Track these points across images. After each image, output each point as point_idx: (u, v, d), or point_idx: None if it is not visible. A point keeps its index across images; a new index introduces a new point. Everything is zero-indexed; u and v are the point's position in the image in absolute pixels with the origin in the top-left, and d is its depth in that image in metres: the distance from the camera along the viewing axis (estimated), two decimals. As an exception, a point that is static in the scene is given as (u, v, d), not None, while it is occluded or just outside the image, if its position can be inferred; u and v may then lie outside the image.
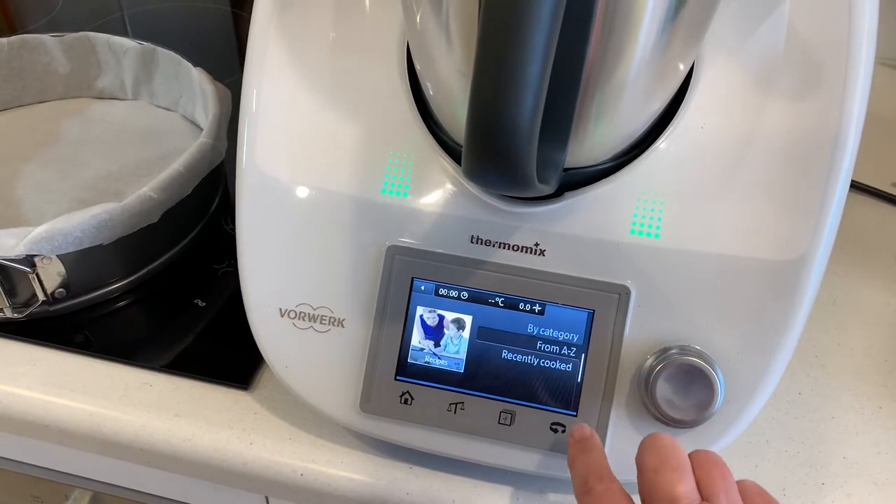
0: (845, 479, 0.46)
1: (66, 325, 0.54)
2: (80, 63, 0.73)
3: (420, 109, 0.42)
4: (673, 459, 0.33)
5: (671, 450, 0.33)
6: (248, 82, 0.43)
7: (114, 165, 0.66)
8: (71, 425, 0.49)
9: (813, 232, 0.39)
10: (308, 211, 0.43)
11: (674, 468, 0.32)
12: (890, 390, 0.51)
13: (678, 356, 0.39)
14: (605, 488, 0.34)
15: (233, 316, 0.54)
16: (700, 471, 0.33)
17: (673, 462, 0.33)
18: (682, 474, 0.32)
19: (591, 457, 0.36)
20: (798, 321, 0.40)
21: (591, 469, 0.35)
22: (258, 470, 0.46)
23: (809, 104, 0.40)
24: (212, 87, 0.64)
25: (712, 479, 0.33)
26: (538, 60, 0.27)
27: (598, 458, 0.36)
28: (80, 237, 0.51)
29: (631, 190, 0.40)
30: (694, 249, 0.40)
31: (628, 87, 0.36)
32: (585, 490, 0.34)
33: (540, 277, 0.41)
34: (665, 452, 0.33)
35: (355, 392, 0.43)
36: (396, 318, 0.42)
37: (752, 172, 0.40)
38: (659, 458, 0.33)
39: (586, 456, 0.36)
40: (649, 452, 0.34)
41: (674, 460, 0.33)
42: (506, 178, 0.31)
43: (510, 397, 0.41)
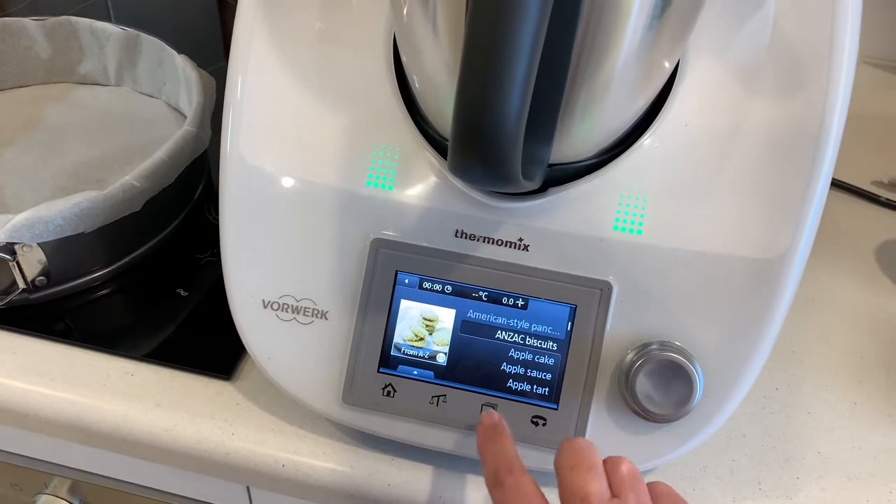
0: (820, 473, 0.46)
1: (47, 313, 0.54)
2: (62, 48, 0.72)
3: (406, 102, 0.42)
4: (588, 460, 0.34)
5: (586, 451, 0.35)
6: (233, 71, 0.43)
7: (96, 152, 0.66)
8: (51, 414, 0.48)
9: (794, 230, 0.40)
10: (292, 202, 0.43)
11: (588, 468, 0.34)
12: (865, 387, 0.52)
13: (658, 352, 0.40)
14: (515, 481, 0.34)
15: (215, 306, 0.54)
16: (612, 473, 0.34)
17: (587, 462, 0.34)
18: (596, 474, 0.34)
19: (501, 447, 0.36)
20: (777, 318, 0.40)
21: (500, 460, 0.36)
22: (240, 460, 0.46)
23: (792, 102, 0.40)
24: (196, 75, 0.63)
25: (622, 479, 0.34)
26: (525, 58, 0.27)
27: (508, 448, 0.36)
28: (61, 225, 0.51)
29: (614, 186, 0.41)
30: (676, 246, 0.40)
31: (614, 84, 0.36)
32: (496, 482, 0.35)
33: (523, 272, 0.41)
34: (581, 454, 0.34)
35: (338, 384, 0.43)
36: (380, 311, 0.42)
37: (735, 170, 0.40)
38: (575, 458, 0.34)
39: (495, 445, 0.37)
40: (566, 453, 0.35)
41: (588, 461, 0.34)
42: (491, 174, 0.31)
43: (492, 390, 0.42)
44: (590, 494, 0.33)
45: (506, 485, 0.34)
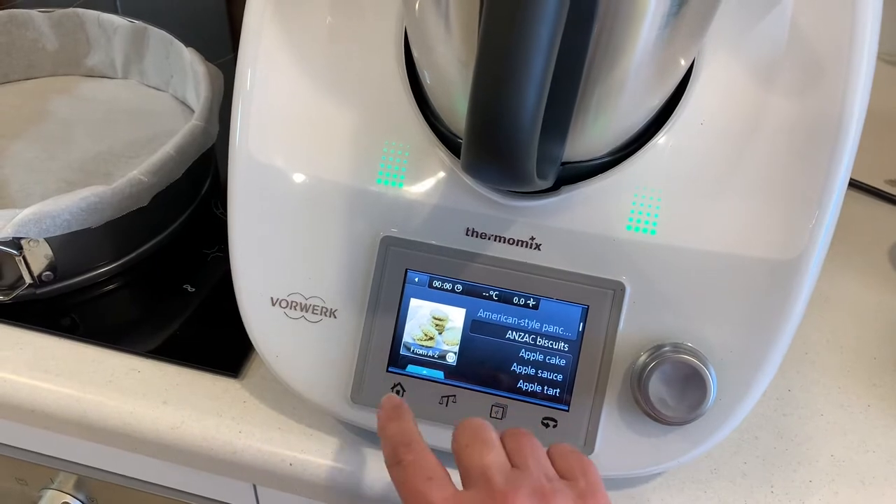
0: (832, 477, 0.46)
1: (53, 308, 0.53)
2: (68, 40, 0.72)
3: (417, 98, 0.42)
4: (482, 434, 0.35)
5: (480, 427, 0.35)
6: (243, 65, 0.43)
7: (103, 146, 0.65)
8: (57, 410, 0.48)
9: (811, 231, 0.39)
10: (301, 198, 0.42)
11: (483, 442, 0.34)
12: (879, 389, 0.51)
13: (671, 354, 0.39)
14: (415, 458, 0.34)
15: (222, 302, 0.53)
16: (510, 443, 0.35)
17: (482, 437, 0.34)
18: (492, 447, 0.34)
19: (401, 425, 0.36)
20: (792, 321, 0.40)
21: (400, 438, 0.35)
22: (247, 459, 0.46)
23: (810, 101, 0.39)
24: (203, 69, 0.63)
25: (520, 447, 0.34)
26: (542, 56, 0.26)
27: (407, 426, 0.36)
28: (68, 220, 0.50)
29: (628, 185, 0.40)
30: (690, 247, 0.40)
31: (629, 82, 0.35)
32: (395, 461, 0.35)
33: (535, 272, 0.41)
34: (474, 430, 0.35)
35: (346, 383, 0.42)
36: (389, 310, 0.42)
37: (751, 169, 0.40)
38: (469, 436, 0.35)
39: (394, 424, 0.36)
40: (460, 432, 0.35)
41: (483, 435, 0.35)
42: (506, 173, 0.30)
43: (502, 391, 0.41)
44: (488, 466, 0.33)
45: (405, 462, 0.34)
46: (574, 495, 0.33)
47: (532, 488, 0.32)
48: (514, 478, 0.33)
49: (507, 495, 0.32)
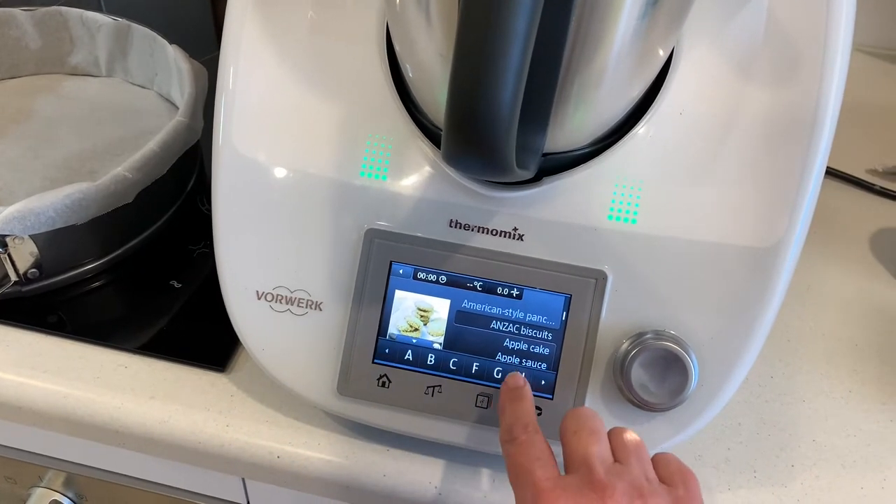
0: (814, 461, 0.47)
1: (40, 305, 0.53)
2: (52, 38, 0.72)
3: (399, 92, 0.42)
4: (591, 424, 0.35)
5: (590, 417, 0.36)
6: (225, 61, 0.43)
7: (87, 144, 0.65)
8: (45, 407, 0.48)
9: (789, 218, 0.40)
10: (286, 193, 0.42)
11: (591, 431, 0.35)
12: (860, 375, 0.52)
13: (653, 341, 0.39)
14: (528, 438, 0.36)
15: (209, 298, 0.54)
16: (616, 439, 0.36)
17: (590, 426, 0.35)
18: (599, 438, 0.35)
19: (520, 406, 0.37)
20: (772, 307, 0.40)
21: (517, 418, 0.37)
22: (235, 452, 0.46)
23: (787, 91, 0.40)
24: (188, 66, 0.63)
25: (625, 444, 0.35)
26: (519, 45, 0.27)
27: (527, 408, 0.37)
28: (53, 217, 0.50)
29: (609, 175, 0.41)
30: (670, 235, 0.40)
31: (608, 72, 0.36)
32: (510, 438, 0.36)
33: (518, 262, 0.41)
34: (584, 419, 0.36)
35: (333, 375, 0.43)
36: (374, 302, 0.42)
37: (730, 159, 0.40)
38: (577, 423, 0.35)
39: (515, 405, 0.38)
40: (569, 419, 0.36)
41: (591, 425, 0.35)
42: (485, 162, 0.31)
43: (487, 381, 0.42)
44: (592, 455, 0.34)
45: (519, 440, 0.36)
46: (671, 500, 0.33)
47: (631, 485, 0.33)
48: (615, 471, 0.33)
49: (606, 487, 0.32)
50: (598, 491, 0.32)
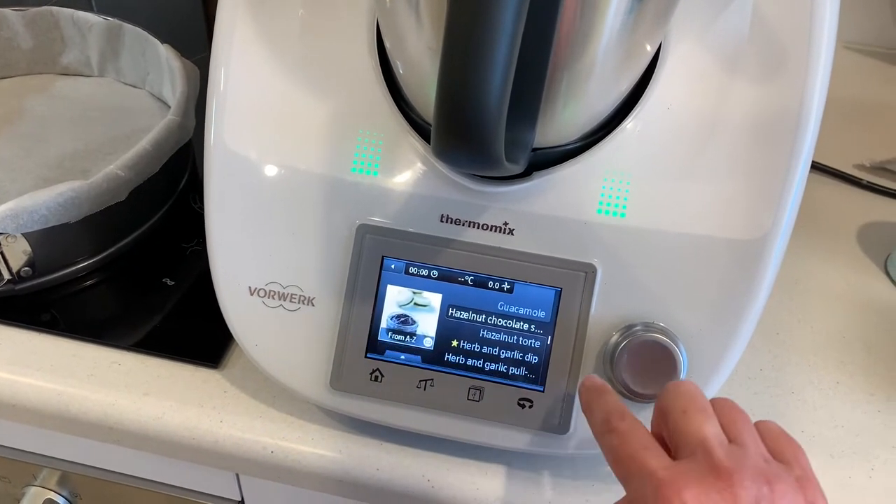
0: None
1: (33, 304, 0.54)
2: (43, 38, 0.72)
3: (390, 88, 0.42)
4: (699, 402, 0.34)
5: (696, 394, 0.34)
6: (216, 59, 0.43)
7: (80, 143, 0.66)
8: (38, 405, 0.48)
9: (775, 212, 0.40)
10: (277, 189, 0.43)
11: (701, 410, 0.33)
12: (847, 366, 0.53)
13: (642, 332, 0.40)
14: (629, 426, 0.34)
15: (202, 295, 0.54)
16: (723, 415, 0.34)
17: (699, 404, 0.34)
18: (709, 416, 0.33)
19: (609, 398, 0.36)
20: (760, 299, 0.41)
21: (611, 409, 0.35)
22: (229, 447, 0.46)
23: (773, 86, 0.40)
24: (179, 65, 0.63)
25: (735, 420, 0.34)
26: (506, 39, 0.27)
27: (615, 399, 0.36)
28: (45, 215, 0.50)
29: (598, 170, 0.41)
30: (659, 228, 0.41)
31: (596, 67, 0.36)
32: (608, 429, 0.34)
33: (509, 256, 0.42)
34: (691, 396, 0.34)
35: (326, 370, 0.43)
36: (367, 297, 0.42)
37: (716, 153, 0.41)
38: (686, 401, 0.34)
39: (603, 398, 0.36)
40: (675, 396, 0.34)
41: (700, 403, 0.34)
42: (474, 157, 0.31)
43: (479, 374, 0.42)
44: (708, 438, 0.32)
45: (620, 429, 0.34)
46: (793, 482, 0.32)
47: (755, 470, 0.31)
48: (736, 455, 0.32)
49: (733, 473, 0.30)
50: (723, 478, 0.30)
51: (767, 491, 0.31)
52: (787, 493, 0.31)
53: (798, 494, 0.31)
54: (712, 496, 0.30)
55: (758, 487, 0.30)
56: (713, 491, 0.30)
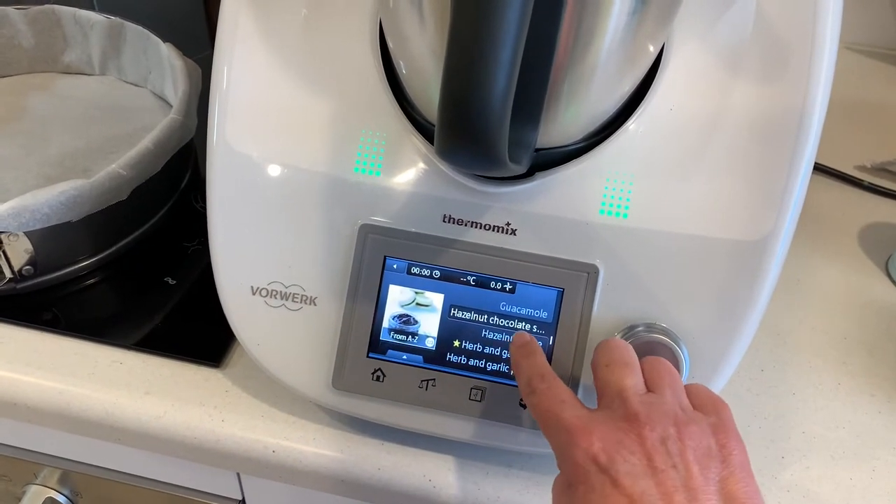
0: (804, 452, 0.47)
1: (34, 302, 0.54)
2: (45, 37, 0.72)
3: (393, 88, 0.42)
4: (624, 356, 0.36)
5: (622, 349, 0.36)
6: (219, 58, 0.43)
7: (81, 142, 0.65)
8: (40, 403, 0.48)
9: (777, 213, 0.40)
10: (280, 189, 0.43)
11: (624, 363, 0.35)
12: (849, 367, 0.53)
13: (644, 333, 0.40)
14: (548, 386, 0.36)
15: (204, 294, 0.54)
16: (649, 370, 0.36)
17: (624, 358, 0.35)
18: (632, 370, 0.35)
19: (533, 360, 0.38)
20: (761, 300, 0.41)
21: (533, 371, 0.37)
22: (230, 447, 0.46)
23: (775, 87, 0.40)
24: (181, 63, 0.63)
25: (660, 375, 0.35)
26: (510, 41, 0.27)
27: (540, 360, 0.38)
28: (47, 214, 0.50)
29: (600, 170, 0.41)
30: (661, 229, 0.41)
31: (599, 68, 0.36)
32: (530, 391, 0.36)
33: (511, 256, 0.42)
34: (616, 351, 0.36)
35: (327, 369, 0.43)
36: (369, 297, 0.42)
37: (719, 154, 0.41)
38: (610, 356, 0.36)
39: (528, 360, 0.38)
40: (602, 351, 0.36)
41: (624, 357, 0.36)
42: (477, 157, 0.31)
43: (481, 374, 0.42)
44: (625, 388, 0.34)
45: (539, 390, 0.36)
46: (705, 425, 0.33)
47: (665, 413, 0.33)
48: (649, 401, 0.33)
49: (640, 416, 0.32)
50: (632, 421, 0.32)
51: (674, 431, 0.32)
52: (694, 434, 0.32)
53: (707, 436, 0.33)
54: (619, 437, 0.32)
55: (663, 428, 0.32)
56: (621, 432, 0.32)
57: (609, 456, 0.32)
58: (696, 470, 0.31)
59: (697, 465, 0.32)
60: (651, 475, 0.31)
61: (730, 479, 0.32)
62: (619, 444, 0.32)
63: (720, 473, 0.32)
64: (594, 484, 0.31)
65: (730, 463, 0.32)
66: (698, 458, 0.32)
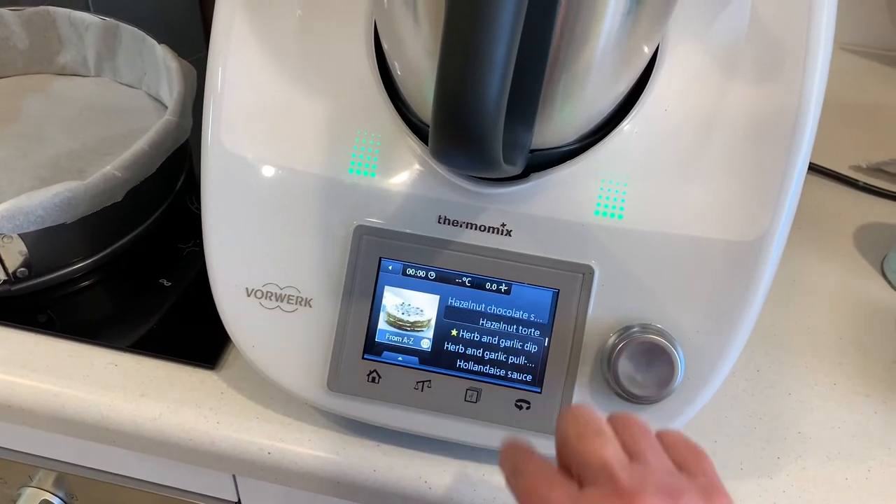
0: (800, 453, 0.47)
1: (29, 304, 0.53)
2: (40, 38, 0.72)
3: (388, 89, 0.42)
4: (593, 425, 0.33)
5: (589, 417, 0.34)
6: (214, 60, 0.43)
7: (76, 143, 0.65)
8: (34, 405, 0.48)
9: (772, 213, 0.40)
10: (274, 190, 0.43)
11: (597, 433, 0.33)
12: (844, 367, 0.53)
13: (640, 334, 0.40)
14: (534, 465, 0.34)
15: (199, 296, 0.54)
16: (622, 431, 0.34)
17: (594, 427, 0.33)
18: (607, 438, 0.33)
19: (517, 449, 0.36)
20: (757, 301, 0.41)
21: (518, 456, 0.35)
22: (226, 449, 0.46)
23: (770, 88, 0.40)
24: (176, 65, 0.63)
25: (635, 438, 0.33)
26: (504, 41, 0.27)
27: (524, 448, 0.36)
28: (42, 216, 0.50)
29: (595, 171, 0.41)
30: (656, 230, 0.41)
31: (594, 69, 0.36)
32: (515, 473, 0.34)
33: (506, 257, 0.41)
34: (584, 420, 0.34)
35: (323, 371, 0.43)
36: (364, 298, 0.42)
37: (714, 155, 0.41)
38: (579, 427, 0.33)
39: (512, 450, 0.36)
40: (568, 423, 0.34)
41: (594, 426, 0.33)
42: (472, 158, 0.31)
43: (476, 375, 0.42)
44: (608, 462, 0.32)
45: (525, 470, 0.34)
46: (698, 493, 0.31)
47: (658, 486, 0.31)
48: (638, 474, 0.31)
49: (635, 497, 0.30)
50: (627, 500, 0.30)
51: None
52: None
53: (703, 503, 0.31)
54: None
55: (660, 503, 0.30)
56: None
57: None
58: None
59: None
60: None
61: None
62: None
63: None
64: None
65: None
66: None
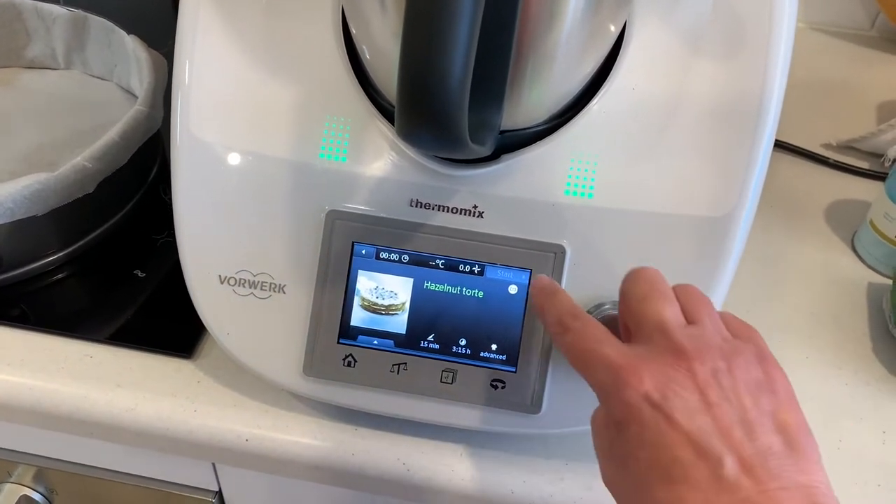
0: (773, 426, 0.48)
1: (2, 298, 0.53)
2: (6, 31, 0.70)
3: (357, 73, 0.42)
4: (659, 286, 0.34)
5: (656, 279, 0.34)
6: (181, 48, 0.43)
7: (46, 137, 0.65)
8: (10, 400, 0.48)
9: (739, 189, 0.41)
10: (245, 177, 0.43)
11: (661, 295, 0.34)
12: (816, 341, 0.54)
13: (612, 311, 0.40)
14: (583, 324, 0.34)
15: (173, 286, 0.53)
16: (685, 300, 0.34)
17: (660, 289, 0.34)
18: (670, 301, 0.34)
19: (560, 298, 0.37)
20: (726, 275, 0.41)
21: (563, 309, 0.36)
22: (203, 437, 0.46)
23: (735, 66, 0.41)
24: (146, 56, 0.63)
25: (696, 306, 0.34)
26: (466, 18, 0.27)
27: (567, 299, 0.36)
28: (11, 208, 0.50)
29: (565, 151, 0.41)
30: (626, 208, 0.41)
31: (561, 48, 0.36)
32: (563, 329, 0.35)
33: (479, 239, 0.42)
34: (651, 281, 0.34)
35: (298, 357, 0.43)
36: (338, 283, 0.42)
37: (681, 132, 0.41)
38: (646, 287, 0.34)
39: (554, 299, 0.37)
40: (636, 282, 0.35)
41: (660, 287, 0.34)
42: (438, 137, 0.31)
43: (451, 356, 0.42)
44: (665, 321, 0.32)
45: (574, 328, 0.34)
46: (752, 356, 0.32)
47: (712, 345, 0.32)
48: (693, 334, 0.32)
49: (689, 351, 0.31)
50: (679, 356, 0.31)
51: (723, 365, 0.31)
52: (742, 365, 0.32)
53: (754, 366, 0.32)
54: (669, 373, 0.31)
55: (714, 361, 0.31)
56: (670, 368, 0.31)
57: (662, 393, 0.30)
58: (750, 402, 0.31)
59: (750, 398, 0.31)
60: (706, 410, 0.30)
61: (780, 409, 0.31)
62: (671, 381, 0.31)
63: (771, 404, 0.31)
64: (647, 422, 0.30)
65: (778, 393, 0.32)
66: (750, 391, 0.31)
